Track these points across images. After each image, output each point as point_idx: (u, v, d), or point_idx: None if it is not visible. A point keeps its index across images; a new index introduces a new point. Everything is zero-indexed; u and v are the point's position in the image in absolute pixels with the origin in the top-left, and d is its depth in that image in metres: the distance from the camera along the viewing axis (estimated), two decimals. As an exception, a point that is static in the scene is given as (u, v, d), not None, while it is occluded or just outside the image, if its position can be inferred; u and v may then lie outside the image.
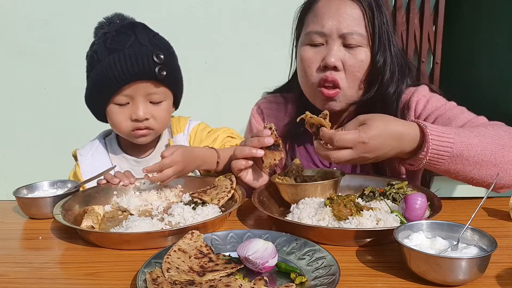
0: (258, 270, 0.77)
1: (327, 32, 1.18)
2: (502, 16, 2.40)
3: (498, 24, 2.44)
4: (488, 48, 2.54)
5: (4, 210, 1.22)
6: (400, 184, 1.10)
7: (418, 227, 0.83)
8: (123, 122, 1.26)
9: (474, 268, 0.71)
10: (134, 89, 1.22)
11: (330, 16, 1.18)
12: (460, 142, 1.01)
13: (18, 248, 0.99)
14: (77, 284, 0.79)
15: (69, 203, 1.09)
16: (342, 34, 1.17)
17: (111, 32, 1.24)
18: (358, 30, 1.17)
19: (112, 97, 1.23)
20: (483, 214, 1.06)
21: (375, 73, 1.21)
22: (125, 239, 0.91)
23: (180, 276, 0.74)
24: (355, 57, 1.19)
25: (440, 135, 1.00)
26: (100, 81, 1.22)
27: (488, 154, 1.03)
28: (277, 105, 1.48)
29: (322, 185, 1.06)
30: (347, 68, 1.20)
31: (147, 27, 1.30)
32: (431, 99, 1.24)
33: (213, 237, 0.89)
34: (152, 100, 1.26)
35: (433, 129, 1.00)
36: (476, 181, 1.06)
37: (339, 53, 1.19)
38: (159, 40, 1.28)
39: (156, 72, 1.20)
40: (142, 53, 1.19)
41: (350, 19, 1.17)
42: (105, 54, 1.21)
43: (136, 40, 1.21)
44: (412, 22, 2.68)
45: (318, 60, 1.21)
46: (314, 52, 1.22)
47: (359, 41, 1.18)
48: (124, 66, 1.18)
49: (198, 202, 1.11)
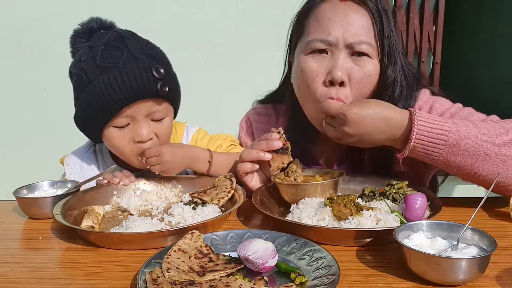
0: (258, 270, 0.77)
1: (333, 40, 1.08)
2: (502, 16, 2.41)
3: (498, 24, 2.44)
4: (488, 48, 2.54)
5: (4, 210, 1.22)
6: (400, 184, 1.10)
7: (418, 227, 0.83)
8: (125, 146, 1.17)
9: (474, 268, 0.71)
10: (135, 109, 1.11)
11: (335, 23, 1.08)
12: (456, 131, 0.96)
13: (18, 248, 0.99)
14: (77, 284, 0.79)
15: (69, 203, 1.09)
16: (349, 44, 1.07)
17: (98, 46, 1.11)
18: (367, 40, 1.08)
19: (110, 120, 1.13)
20: (483, 214, 1.06)
21: (384, 89, 1.12)
22: (125, 239, 0.91)
23: (180, 276, 0.74)
24: (362, 70, 1.09)
25: (432, 122, 0.96)
26: (95, 104, 1.10)
27: (490, 147, 0.96)
28: (267, 118, 1.41)
29: (322, 185, 1.06)
30: (353, 84, 1.09)
31: (136, 36, 1.19)
32: (434, 104, 1.18)
33: (213, 237, 0.89)
34: (154, 118, 1.16)
35: (425, 115, 0.97)
36: (483, 178, 1.00)
37: (345, 65, 1.08)
38: (153, 50, 1.17)
39: (158, 89, 1.10)
40: (140, 68, 1.08)
41: (358, 27, 1.07)
42: (96, 73, 1.09)
43: (129, 54, 1.10)
44: (412, 22, 2.68)
45: (323, 73, 1.10)
46: (317, 64, 1.11)
47: (368, 51, 1.08)
48: (122, 86, 1.06)
49: (198, 202, 1.11)
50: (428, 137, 0.96)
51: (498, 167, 0.98)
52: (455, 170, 1.02)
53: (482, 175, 1.00)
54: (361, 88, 1.10)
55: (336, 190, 1.10)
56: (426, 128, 0.96)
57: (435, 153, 0.98)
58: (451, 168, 1.01)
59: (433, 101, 1.19)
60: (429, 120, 0.97)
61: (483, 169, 0.99)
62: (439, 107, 1.17)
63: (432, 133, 0.96)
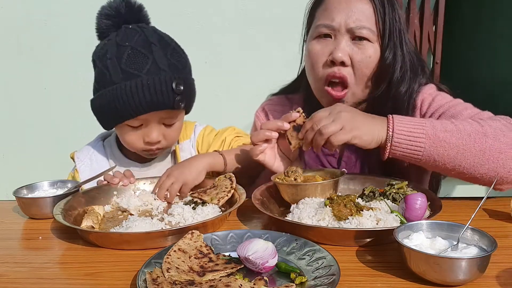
0: (258, 270, 0.77)
1: (336, 25, 1.17)
2: (502, 16, 2.41)
3: (498, 24, 2.44)
4: (488, 48, 2.54)
5: (4, 210, 1.22)
6: (400, 184, 1.10)
7: (418, 227, 0.83)
8: (135, 142, 1.25)
9: (474, 268, 0.71)
10: (150, 115, 1.19)
11: (340, 10, 1.17)
12: (432, 126, 1.02)
13: (18, 248, 0.99)
14: (77, 284, 0.79)
15: (69, 203, 1.09)
16: (350, 28, 1.16)
17: (125, 47, 1.15)
18: (367, 25, 1.16)
19: (126, 120, 1.21)
20: (483, 214, 1.06)
21: (384, 70, 1.19)
22: (125, 239, 0.91)
23: (180, 276, 0.74)
24: (363, 53, 1.17)
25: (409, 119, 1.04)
26: (113, 105, 1.16)
27: (466, 139, 1.01)
28: (281, 107, 1.46)
29: (322, 185, 1.06)
30: (354, 64, 1.18)
31: (162, 39, 1.22)
32: (437, 97, 1.23)
33: (213, 237, 0.89)
34: (166, 123, 1.24)
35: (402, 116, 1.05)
36: (469, 172, 1.04)
37: (347, 48, 1.17)
38: (176, 58, 1.21)
39: (175, 103, 1.17)
40: (161, 81, 1.14)
41: (360, 14, 1.16)
42: (119, 77, 1.14)
43: (153, 63, 1.15)
44: (412, 22, 2.68)
45: (326, 54, 1.19)
46: (321, 46, 1.20)
47: (368, 35, 1.16)
48: (142, 97, 1.13)
49: (198, 202, 1.11)
50: (407, 131, 1.02)
51: (479, 159, 1.02)
52: (442, 165, 1.04)
53: (467, 168, 1.03)
54: (362, 68, 1.18)
55: (336, 190, 1.10)
56: (404, 125, 1.02)
57: (417, 146, 1.02)
58: (437, 163, 1.04)
59: (436, 94, 1.24)
60: (407, 119, 1.05)
61: (466, 162, 1.02)
62: (440, 99, 1.22)
63: (410, 127, 1.02)
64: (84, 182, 1.25)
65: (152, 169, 1.36)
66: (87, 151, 1.37)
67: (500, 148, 1.02)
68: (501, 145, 1.02)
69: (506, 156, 1.02)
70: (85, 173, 1.32)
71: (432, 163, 1.04)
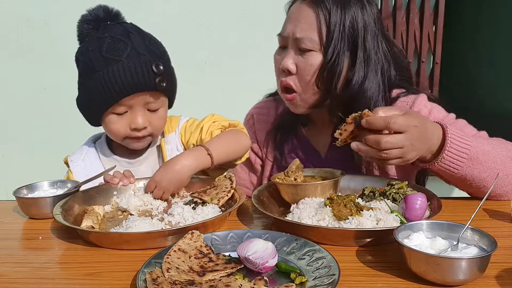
0: (258, 270, 0.77)
1: (286, 35, 1.25)
2: (502, 16, 2.41)
3: (498, 24, 2.44)
4: (488, 48, 2.55)
5: (4, 210, 1.22)
6: (400, 184, 1.10)
7: (418, 227, 0.83)
8: (121, 130, 1.26)
9: (474, 268, 0.71)
10: (133, 100, 1.21)
11: (291, 20, 1.25)
12: (476, 146, 1.05)
13: (18, 248, 0.99)
14: (77, 284, 0.79)
15: (69, 203, 1.09)
16: (295, 39, 1.22)
17: (105, 38, 1.20)
18: (310, 35, 1.20)
19: (110, 107, 1.22)
20: (483, 214, 1.06)
21: (328, 75, 1.21)
22: (125, 239, 0.91)
23: (180, 276, 0.74)
24: (306, 61, 1.22)
25: (459, 136, 1.04)
26: (98, 92, 1.19)
27: (499, 163, 1.07)
28: (267, 110, 1.53)
29: (322, 185, 1.06)
30: (299, 72, 1.24)
31: (140, 31, 1.27)
32: (433, 110, 1.25)
33: (213, 237, 0.89)
34: (150, 108, 1.25)
35: (453, 130, 1.04)
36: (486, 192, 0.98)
37: (293, 57, 1.24)
38: (155, 46, 1.26)
39: (156, 83, 1.20)
40: (141, 63, 1.18)
41: (304, 23, 1.21)
42: (101, 64, 1.18)
43: (133, 49, 1.19)
44: (412, 22, 2.68)
45: (279, 63, 1.28)
46: (278, 55, 1.30)
47: (311, 46, 1.21)
48: (124, 79, 1.17)
49: (198, 202, 1.11)
50: (456, 150, 1.03)
51: (502, 181, 1.09)
52: (468, 183, 1.10)
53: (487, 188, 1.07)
54: (305, 75, 1.24)
55: (336, 190, 1.10)
56: (455, 141, 1.03)
57: (458, 165, 1.05)
58: (465, 181, 1.09)
59: (431, 107, 1.27)
60: (456, 133, 1.04)
61: (491, 183, 1.06)
62: (436, 113, 1.25)
63: (459, 146, 1.03)
64: (84, 182, 1.25)
65: (140, 165, 1.37)
66: (80, 153, 1.38)
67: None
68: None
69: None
70: (79, 173, 1.33)
71: (458, 178, 1.09)
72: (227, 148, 1.26)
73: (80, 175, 1.31)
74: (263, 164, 1.52)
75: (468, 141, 1.04)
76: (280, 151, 1.45)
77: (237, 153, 1.30)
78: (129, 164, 1.36)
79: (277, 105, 1.50)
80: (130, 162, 1.36)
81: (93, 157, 1.37)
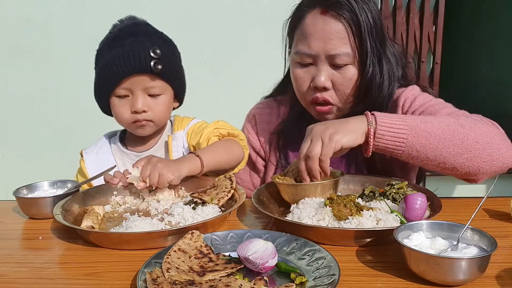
0: (258, 270, 0.77)
1: (315, 53, 1.20)
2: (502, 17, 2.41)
3: (498, 24, 2.44)
4: (488, 48, 2.55)
5: (4, 210, 1.22)
6: (400, 184, 1.10)
7: (418, 227, 0.83)
8: (124, 114, 1.30)
9: (474, 268, 0.71)
10: (132, 83, 1.26)
11: (316, 37, 1.19)
12: (412, 118, 1.06)
13: (18, 248, 0.99)
14: (77, 284, 0.79)
15: (69, 203, 1.09)
16: (329, 56, 1.19)
17: (114, 31, 1.30)
18: (345, 50, 1.18)
19: (113, 90, 1.28)
20: (483, 214, 1.06)
21: (366, 85, 1.22)
22: (125, 239, 0.91)
23: (180, 276, 0.74)
24: (343, 76, 1.21)
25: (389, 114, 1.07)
26: (102, 75, 1.29)
27: (445, 129, 1.05)
28: (269, 110, 1.51)
29: (322, 185, 1.06)
30: (336, 87, 1.23)
31: (151, 27, 1.33)
32: (418, 97, 1.26)
33: (213, 237, 0.89)
34: (151, 93, 1.29)
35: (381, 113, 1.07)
36: (450, 162, 1.06)
37: (327, 74, 1.21)
38: (160, 38, 1.32)
39: (152, 66, 1.23)
40: (140, 48, 1.24)
41: (336, 39, 1.18)
42: (106, 51, 1.27)
43: (135, 38, 1.26)
44: (412, 22, 2.68)
45: (309, 79, 1.25)
46: (304, 72, 1.25)
47: (347, 61, 1.19)
48: (122, 61, 1.23)
49: (198, 202, 1.11)
50: (390, 123, 1.04)
51: (459, 148, 1.05)
52: (423, 156, 1.06)
53: (447, 158, 1.06)
54: (344, 90, 1.23)
55: (336, 190, 1.10)
56: (386, 117, 1.05)
57: (400, 138, 1.04)
58: (419, 153, 1.06)
59: (418, 94, 1.29)
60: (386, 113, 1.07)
61: (447, 151, 1.05)
62: (422, 99, 1.26)
63: (392, 119, 1.05)
64: (84, 182, 1.26)
65: None
66: (95, 146, 1.45)
67: (476, 138, 1.06)
68: (477, 135, 1.06)
69: (482, 146, 1.06)
70: (90, 163, 1.39)
71: (415, 154, 1.06)
72: (218, 156, 1.27)
73: (91, 165, 1.38)
74: (265, 165, 1.51)
75: (402, 116, 1.07)
76: (283, 154, 1.44)
77: (229, 163, 1.31)
78: (137, 157, 1.37)
79: (279, 105, 1.50)
80: (138, 155, 1.39)
81: (107, 150, 1.43)
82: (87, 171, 1.37)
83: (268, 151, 1.49)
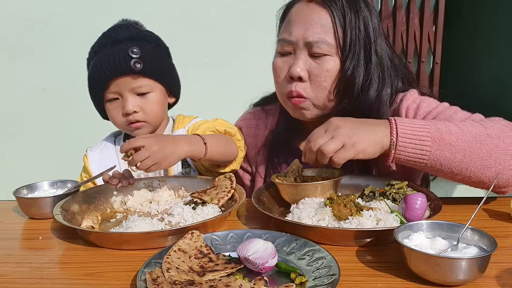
0: (258, 270, 0.77)
1: (294, 40, 1.15)
2: (502, 17, 2.41)
3: (498, 24, 2.44)
4: (488, 48, 2.54)
5: (4, 210, 1.22)
6: (400, 184, 1.10)
7: (418, 227, 0.83)
8: (117, 117, 1.32)
9: (474, 268, 0.71)
10: (117, 85, 1.27)
11: (298, 23, 1.15)
12: (436, 128, 0.98)
13: (18, 248, 0.99)
14: (77, 284, 0.79)
15: (69, 203, 1.09)
16: (308, 42, 1.14)
17: (100, 36, 1.31)
18: (325, 38, 1.13)
19: (103, 95, 1.30)
20: (483, 214, 1.06)
21: (347, 81, 1.15)
22: (125, 239, 0.91)
23: (180, 276, 0.74)
24: (321, 67, 1.15)
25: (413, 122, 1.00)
26: (90, 82, 1.32)
27: (472, 141, 0.98)
28: (256, 122, 1.46)
29: (322, 185, 1.06)
30: (312, 78, 1.16)
31: (133, 26, 1.32)
32: (422, 104, 1.19)
33: (213, 237, 0.89)
34: (138, 92, 1.29)
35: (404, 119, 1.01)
36: (476, 176, 1.00)
37: (305, 63, 1.16)
38: (142, 36, 1.31)
39: (132, 65, 1.24)
40: (119, 50, 1.25)
41: (317, 26, 1.13)
42: (91, 58, 1.31)
43: (116, 40, 1.27)
44: (412, 22, 2.68)
45: (286, 69, 1.19)
46: (282, 61, 1.20)
47: (326, 50, 1.13)
48: (104, 65, 1.25)
49: (198, 202, 1.11)
50: (412, 135, 0.98)
51: (486, 162, 0.99)
52: (447, 170, 1.01)
53: (474, 172, 1.00)
54: (320, 82, 1.16)
55: (336, 190, 1.10)
56: (408, 128, 0.99)
57: (423, 150, 0.98)
58: (443, 167, 1.00)
59: (420, 100, 1.20)
60: (409, 121, 1.01)
61: (474, 165, 0.99)
62: (426, 106, 1.19)
63: (415, 130, 0.98)
64: (84, 183, 1.26)
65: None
66: (99, 144, 1.46)
67: (505, 149, 0.99)
68: (505, 145, 0.99)
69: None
70: (93, 160, 1.40)
71: (438, 168, 1.01)
72: (219, 146, 1.25)
73: (94, 162, 1.39)
74: (252, 179, 1.46)
75: (425, 125, 0.99)
76: (273, 166, 1.38)
77: (227, 155, 1.30)
78: None
79: (267, 116, 1.44)
80: None
81: (110, 148, 1.44)
82: (90, 169, 1.38)
83: (255, 164, 1.43)
